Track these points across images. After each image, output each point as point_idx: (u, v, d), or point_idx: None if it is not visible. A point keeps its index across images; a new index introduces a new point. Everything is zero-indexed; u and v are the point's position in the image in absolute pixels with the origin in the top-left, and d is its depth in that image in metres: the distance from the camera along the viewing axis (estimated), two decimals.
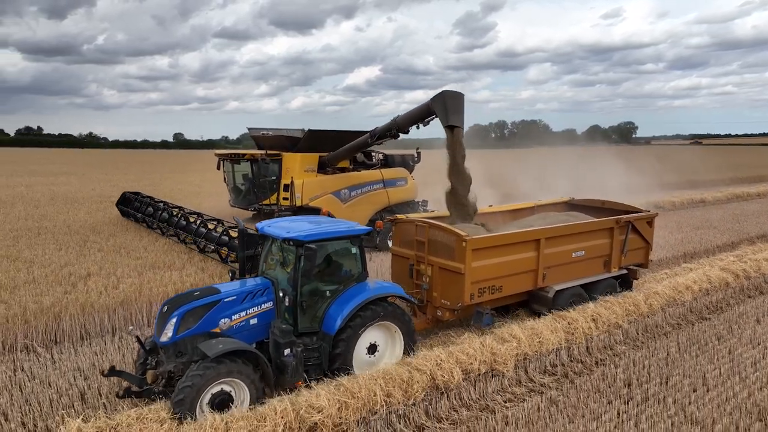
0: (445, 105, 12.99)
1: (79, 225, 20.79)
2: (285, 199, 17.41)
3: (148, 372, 7.66)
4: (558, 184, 25.14)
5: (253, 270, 9.24)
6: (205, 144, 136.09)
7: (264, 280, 8.56)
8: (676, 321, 11.70)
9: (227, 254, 14.58)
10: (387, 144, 17.55)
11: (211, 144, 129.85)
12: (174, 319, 7.60)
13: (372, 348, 8.69)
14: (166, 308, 7.88)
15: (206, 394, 7.07)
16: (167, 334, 7.59)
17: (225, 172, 19.04)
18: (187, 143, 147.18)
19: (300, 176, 17.46)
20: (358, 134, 17.51)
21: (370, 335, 8.60)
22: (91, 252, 16.05)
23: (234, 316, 7.96)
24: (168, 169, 57.43)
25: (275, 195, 17.63)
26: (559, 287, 11.21)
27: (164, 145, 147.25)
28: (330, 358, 8.26)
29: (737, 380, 8.99)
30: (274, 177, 17.60)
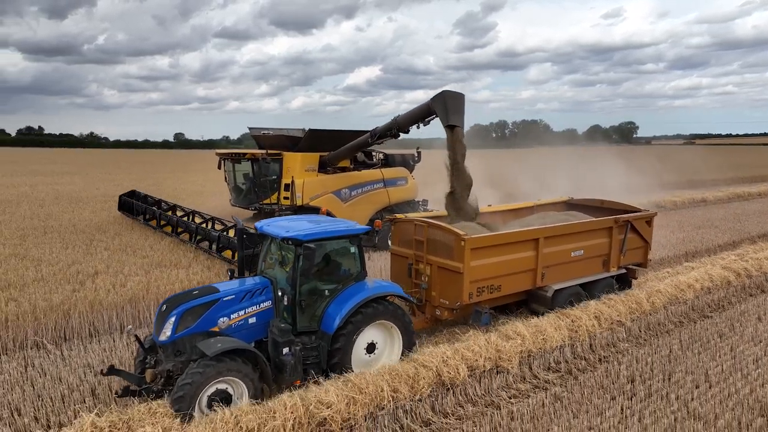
0: (445, 105, 12.98)
1: (85, 224, 20.88)
2: (285, 198, 17.45)
3: (147, 371, 7.65)
4: (558, 184, 25.18)
5: (252, 269, 9.20)
6: (206, 144, 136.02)
7: (263, 279, 8.53)
8: (679, 319, 11.80)
9: (216, 248, 14.65)
10: (387, 143, 17.57)
11: (212, 144, 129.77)
12: (173, 318, 7.61)
13: (371, 347, 8.67)
14: (164, 307, 7.88)
15: (205, 393, 7.08)
16: (166, 333, 7.59)
17: (226, 172, 19.07)
18: (188, 143, 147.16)
19: (300, 176, 17.50)
20: (358, 134, 17.53)
21: (369, 334, 8.58)
22: (98, 250, 16.15)
23: (233, 315, 7.94)
24: (170, 169, 57.54)
25: (276, 194, 17.65)
26: (557, 287, 11.20)
27: (165, 144, 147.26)
28: (329, 357, 8.24)
29: (739, 377, 9.09)
30: (274, 176, 17.62)
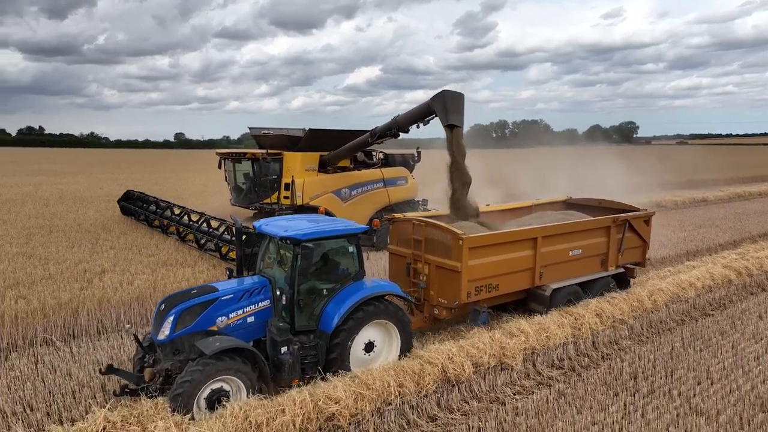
0: (444, 104, 12.97)
1: (90, 223, 20.97)
2: (286, 198, 17.46)
3: (146, 370, 7.66)
4: (558, 184, 25.22)
5: (251, 268, 9.19)
6: (207, 144, 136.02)
7: (261, 278, 8.54)
8: (680, 317, 11.92)
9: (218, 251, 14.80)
10: (387, 143, 17.58)
11: (212, 144, 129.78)
12: (171, 318, 7.62)
13: (369, 346, 8.67)
14: (163, 306, 7.90)
15: (203, 392, 7.10)
16: (164, 332, 7.61)
17: (226, 171, 19.05)
18: (188, 143, 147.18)
19: (301, 175, 17.50)
20: (358, 134, 17.54)
21: (367, 333, 8.58)
22: (104, 249, 16.25)
23: (231, 315, 7.95)
24: (170, 169, 57.55)
25: (276, 194, 17.65)
26: (556, 286, 11.19)
27: (166, 144, 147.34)
28: (327, 356, 8.25)
29: (740, 373, 9.21)
30: (275, 176, 17.63)
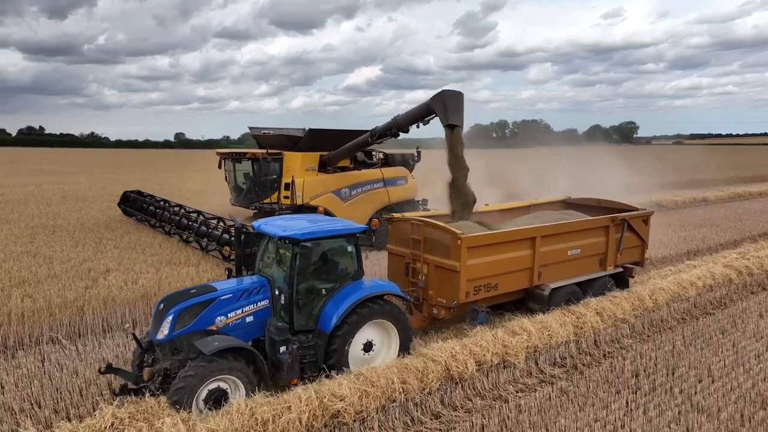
0: (444, 104, 12.97)
1: (93, 223, 21.07)
2: (286, 197, 17.47)
3: (145, 369, 7.68)
4: (559, 184, 25.28)
5: (250, 268, 9.19)
6: (207, 144, 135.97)
7: (260, 278, 8.56)
8: (681, 316, 11.99)
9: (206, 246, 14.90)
10: (387, 143, 17.61)
11: (213, 144, 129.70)
12: (170, 317, 7.64)
13: (368, 346, 8.69)
14: (162, 306, 7.91)
15: (202, 391, 7.11)
16: (163, 332, 7.62)
17: (226, 171, 19.06)
18: (188, 143, 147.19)
19: (301, 175, 17.51)
20: (358, 133, 17.55)
21: (366, 333, 8.61)
22: (107, 248, 16.34)
23: (230, 314, 7.97)
24: (172, 168, 57.67)
25: (276, 194, 17.66)
26: (554, 285, 11.21)
27: (167, 144, 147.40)
28: (325, 355, 8.27)
29: (741, 371, 9.28)
30: (275, 176, 17.63)
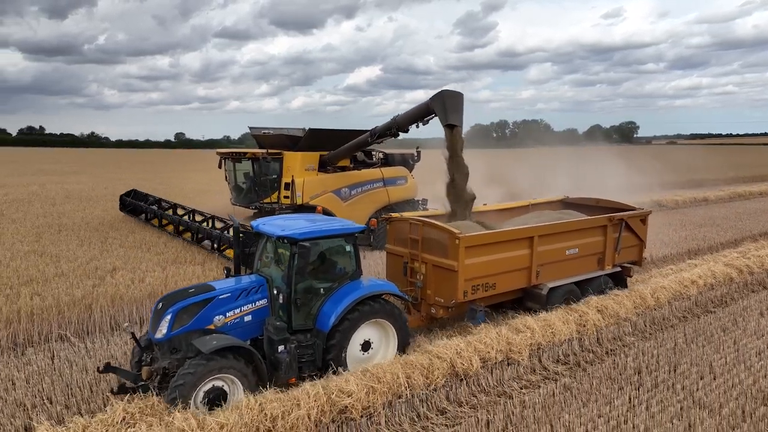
0: (444, 104, 13.01)
1: (98, 222, 21.18)
2: (286, 197, 17.49)
3: (143, 368, 7.69)
4: (559, 183, 25.36)
5: (249, 267, 9.24)
6: (207, 143, 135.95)
7: (258, 277, 8.59)
8: (683, 314, 12.11)
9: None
10: (387, 143, 17.64)
11: (214, 143, 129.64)
12: (168, 316, 7.67)
13: (366, 345, 8.74)
14: (160, 305, 7.93)
15: (200, 390, 7.14)
16: (162, 331, 7.66)
17: (226, 171, 19.05)
18: (189, 143, 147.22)
19: (301, 175, 17.52)
20: (358, 133, 17.59)
21: (364, 332, 8.66)
22: (113, 247, 16.47)
23: (228, 313, 8.01)
24: (172, 168, 57.78)
25: (276, 193, 17.68)
26: (552, 284, 11.24)
27: (167, 144, 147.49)
28: (324, 355, 8.31)
29: (742, 368, 9.39)
30: (275, 175, 17.63)
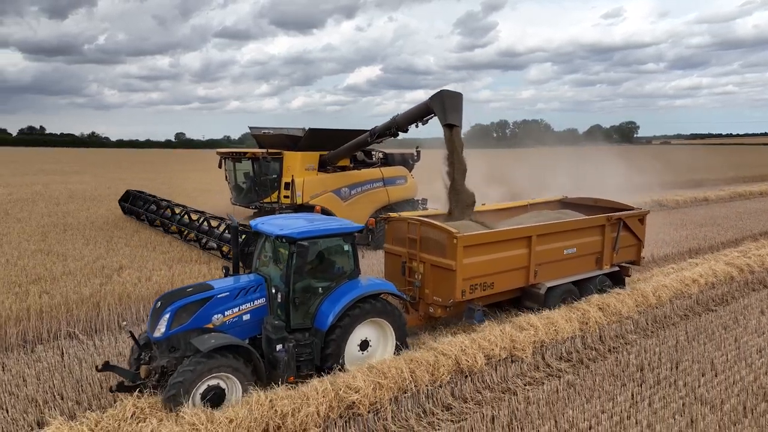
0: (443, 104, 13.03)
1: (102, 222, 21.29)
2: (286, 197, 17.51)
3: (142, 367, 7.73)
4: (559, 183, 25.45)
5: (247, 266, 9.28)
6: (208, 143, 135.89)
7: (257, 276, 8.63)
8: (684, 312, 12.23)
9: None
10: (387, 143, 17.66)
11: (214, 143, 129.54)
12: (167, 315, 7.69)
13: (364, 344, 8.77)
14: (159, 304, 7.94)
15: (198, 389, 7.16)
16: (160, 330, 7.68)
17: (226, 171, 19.05)
18: (189, 143, 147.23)
19: (301, 174, 17.54)
20: (358, 133, 17.61)
21: (362, 331, 8.69)
22: (119, 246, 16.57)
23: (227, 312, 8.05)
24: (174, 168, 57.80)
25: (276, 193, 17.70)
26: (550, 284, 11.29)
27: (168, 144, 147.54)
28: (322, 353, 8.33)
29: (743, 365, 9.52)
30: (275, 175, 17.63)
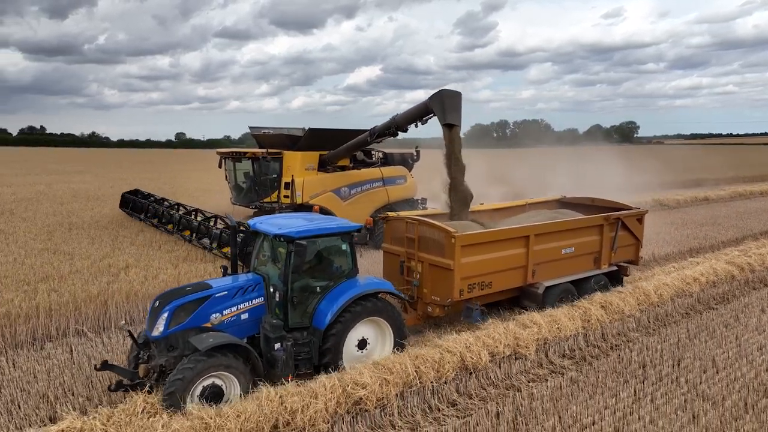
0: (442, 104, 13.06)
1: (107, 221, 21.43)
2: (286, 197, 17.58)
3: (140, 366, 7.74)
4: (559, 183, 25.53)
5: (246, 265, 9.31)
6: (208, 143, 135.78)
7: (255, 275, 8.67)
8: (685, 310, 12.34)
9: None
10: (387, 142, 17.74)
11: (214, 143, 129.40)
12: (165, 314, 7.71)
13: (362, 343, 8.79)
14: (157, 303, 7.98)
15: (197, 387, 7.19)
16: (159, 329, 7.71)
17: (227, 171, 19.13)
18: (190, 142, 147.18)
19: (300, 174, 17.59)
20: (358, 133, 17.69)
21: (360, 331, 8.71)
22: (124, 245, 16.71)
23: (225, 311, 8.07)
24: (175, 168, 57.89)
25: (276, 193, 17.76)
26: (548, 283, 11.32)
27: (168, 144, 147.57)
28: (320, 352, 8.34)
29: (744, 362, 9.63)
30: (275, 175, 17.70)
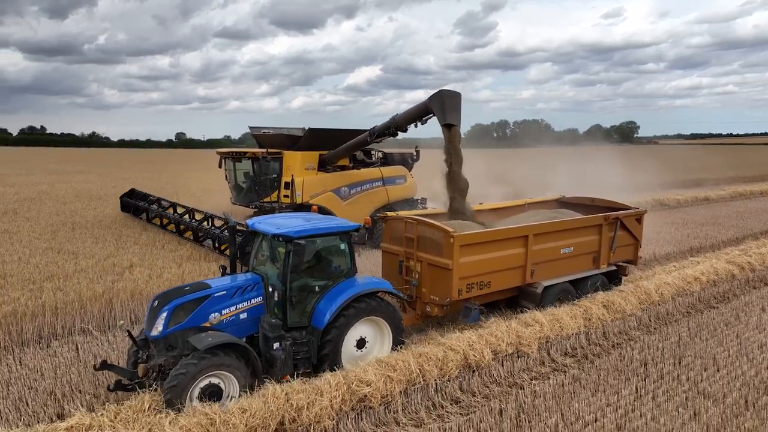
0: (442, 104, 13.09)
1: (110, 220, 21.50)
2: (286, 196, 17.60)
3: (140, 366, 7.76)
4: (560, 183, 25.59)
5: (245, 265, 9.37)
6: (208, 143, 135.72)
7: (254, 275, 8.71)
8: (686, 309, 12.43)
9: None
10: (386, 142, 17.79)
11: (214, 143, 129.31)
12: (164, 314, 7.75)
13: (361, 342, 8.82)
14: (156, 303, 8.02)
15: (196, 387, 7.22)
16: (158, 328, 7.74)
17: (227, 170, 19.14)
18: (190, 142, 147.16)
19: (300, 174, 17.56)
20: (357, 133, 17.71)
21: (359, 330, 8.74)
22: (128, 245, 16.79)
23: (224, 311, 8.11)
24: (175, 168, 57.90)
25: (276, 193, 17.78)
26: (547, 283, 11.32)
27: (169, 144, 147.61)
28: (319, 352, 8.37)
29: (745, 360, 9.71)
30: (274, 175, 17.68)
